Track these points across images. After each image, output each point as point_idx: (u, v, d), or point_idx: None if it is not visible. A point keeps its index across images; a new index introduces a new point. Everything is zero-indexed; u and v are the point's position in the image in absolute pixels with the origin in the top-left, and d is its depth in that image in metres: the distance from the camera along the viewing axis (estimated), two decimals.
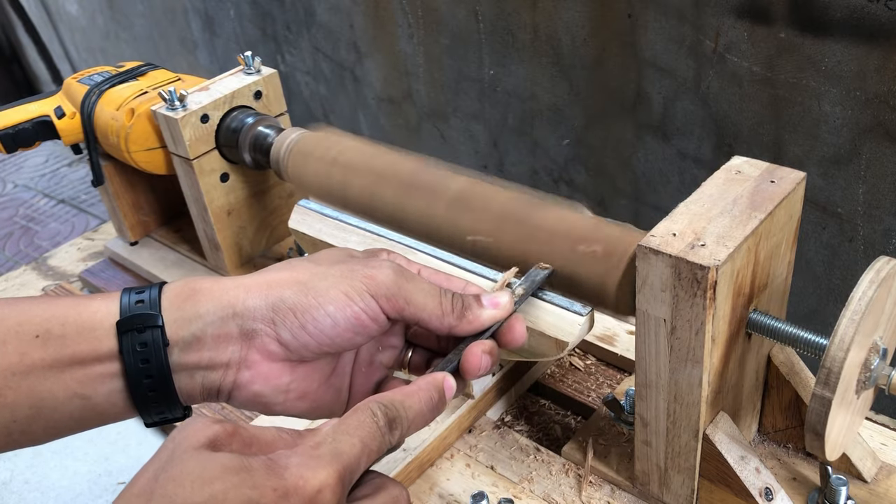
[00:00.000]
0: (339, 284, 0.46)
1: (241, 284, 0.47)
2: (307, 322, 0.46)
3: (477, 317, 0.49)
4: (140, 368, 0.45)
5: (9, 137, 0.93)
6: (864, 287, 0.48)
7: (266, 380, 0.47)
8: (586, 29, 1.19)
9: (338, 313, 0.46)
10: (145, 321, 0.45)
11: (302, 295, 0.46)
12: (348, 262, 0.49)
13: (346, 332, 0.46)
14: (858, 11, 0.90)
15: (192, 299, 0.46)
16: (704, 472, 0.58)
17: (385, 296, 0.47)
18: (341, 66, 1.69)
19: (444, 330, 0.49)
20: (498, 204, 0.63)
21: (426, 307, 0.48)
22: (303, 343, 0.46)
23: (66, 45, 2.86)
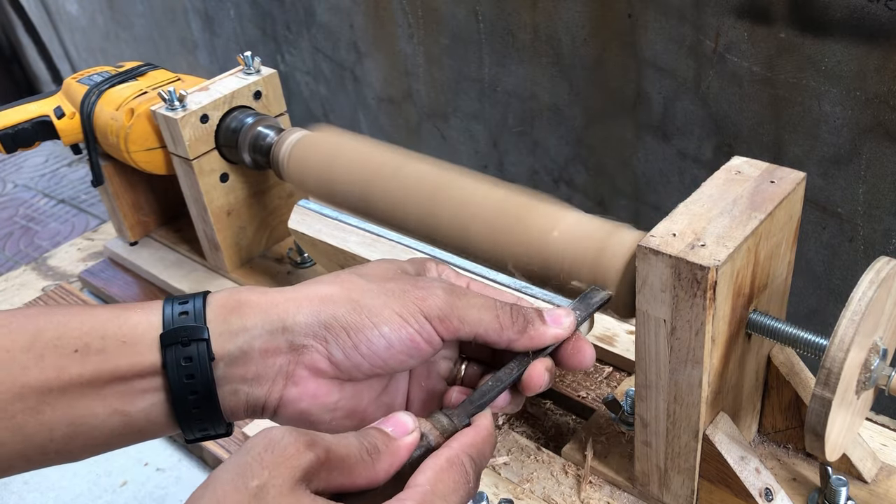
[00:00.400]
0: (392, 304, 0.45)
1: (290, 298, 0.45)
2: (360, 342, 0.44)
3: (540, 333, 0.47)
4: (185, 384, 0.43)
5: (8, 137, 0.93)
6: (864, 287, 0.47)
7: (314, 397, 0.45)
8: (586, 29, 1.18)
9: (392, 335, 0.44)
10: (190, 334, 0.43)
11: (356, 314, 0.44)
12: (400, 279, 0.47)
13: (400, 354, 0.45)
14: (858, 11, 0.90)
15: (238, 312, 0.45)
16: (704, 473, 0.58)
17: (438, 317, 0.45)
18: (341, 66, 1.69)
19: (504, 344, 0.47)
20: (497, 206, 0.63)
21: (482, 322, 0.46)
22: (355, 363, 0.45)
23: (66, 45, 2.86)
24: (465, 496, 0.39)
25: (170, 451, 0.81)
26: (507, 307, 0.47)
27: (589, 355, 0.49)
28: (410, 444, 0.40)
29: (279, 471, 0.34)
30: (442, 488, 0.38)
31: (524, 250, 0.60)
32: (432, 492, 0.37)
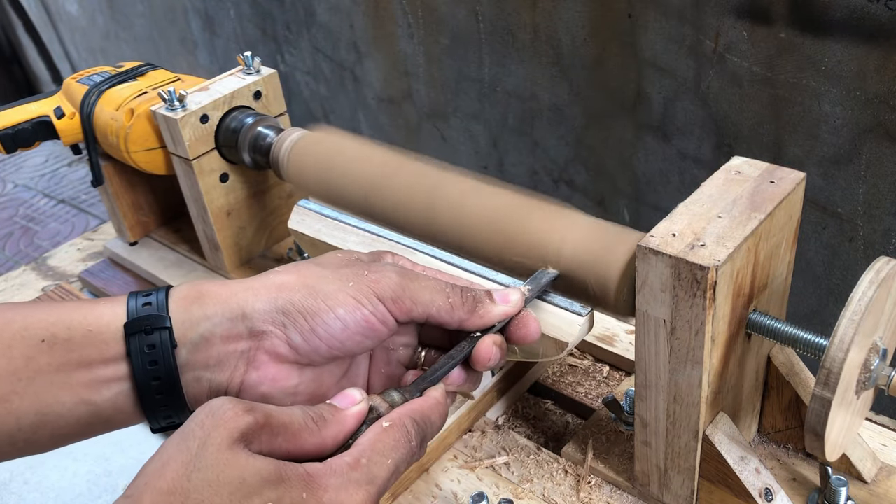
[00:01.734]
0: (347, 288, 0.46)
1: (248, 287, 0.47)
2: (317, 326, 0.46)
3: (488, 311, 0.49)
4: (148, 370, 0.44)
5: (8, 137, 0.93)
6: (863, 287, 0.47)
7: (274, 381, 0.47)
8: (586, 29, 1.18)
9: (348, 317, 0.46)
10: (153, 323, 0.45)
11: (312, 299, 0.46)
12: (354, 265, 0.49)
13: (356, 335, 0.46)
14: (858, 11, 0.90)
15: (199, 301, 0.46)
16: (704, 473, 0.58)
17: (391, 298, 0.47)
18: (341, 66, 1.69)
19: (455, 324, 0.49)
20: (496, 206, 0.63)
21: (434, 302, 0.48)
22: (313, 347, 0.46)
23: (66, 45, 2.86)
24: (406, 455, 0.41)
25: None
26: (458, 289, 0.49)
27: (534, 328, 0.51)
28: (358, 414, 0.42)
29: (218, 431, 0.36)
30: (381, 447, 0.40)
31: (524, 251, 0.60)
32: (371, 449, 0.40)
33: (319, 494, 0.37)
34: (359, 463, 0.39)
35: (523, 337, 0.51)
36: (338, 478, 0.38)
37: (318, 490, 0.37)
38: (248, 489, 0.35)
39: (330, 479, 0.37)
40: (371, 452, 0.40)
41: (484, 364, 0.49)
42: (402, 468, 0.41)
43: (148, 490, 0.35)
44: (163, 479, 0.35)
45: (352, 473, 0.38)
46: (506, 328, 0.51)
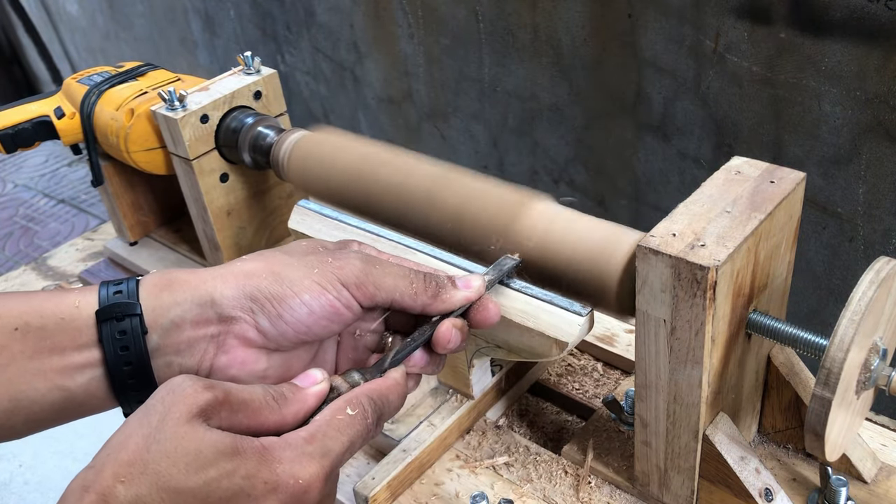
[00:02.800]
0: (312, 275, 0.48)
1: (217, 275, 0.48)
2: (284, 311, 0.47)
3: (451, 296, 0.51)
4: (119, 356, 0.46)
5: (8, 137, 0.93)
6: (863, 287, 0.47)
7: (242, 364, 0.48)
8: (586, 29, 1.18)
9: (313, 302, 0.47)
10: (124, 310, 0.46)
11: (278, 285, 0.47)
12: (319, 253, 0.51)
13: (321, 320, 0.48)
14: (858, 11, 0.90)
15: (169, 289, 0.47)
16: (704, 473, 0.58)
17: (355, 284, 0.48)
18: (341, 66, 1.69)
19: (418, 309, 0.50)
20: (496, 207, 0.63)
21: (397, 288, 0.49)
22: (281, 331, 0.48)
23: (66, 45, 2.86)
24: (361, 432, 0.43)
25: None
26: (421, 275, 0.51)
27: (493, 312, 0.52)
28: (318, 393, 0.43)
29: (177, 407, 0.38)
30: (337, 423, 0.41)
31: (524, 250, 0.60)
32: (327, 425, 0.41)
33: (273, 466, 0.38)
34: (314, 437, 0.40)
35: (483, 320, 0.52)
36: (292, 450, 0.39)
37: (273, 462, 0.38)
38: (204, 460, 0.36)
39: (284, 452, 0.39)
40: (327, 428, 0.41)
41: (444, 346, 0.50)
42: (358, 444, 0.43)
43: (110, 461, 0.37)
44: (124, 451, 0.37)
45: (306, 447, 0.39)
46: (467, 312, 0.52)
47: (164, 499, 0.36)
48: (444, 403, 0.71)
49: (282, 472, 0.38)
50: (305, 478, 0.38)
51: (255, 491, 0.37)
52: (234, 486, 0.37)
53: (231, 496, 0.37)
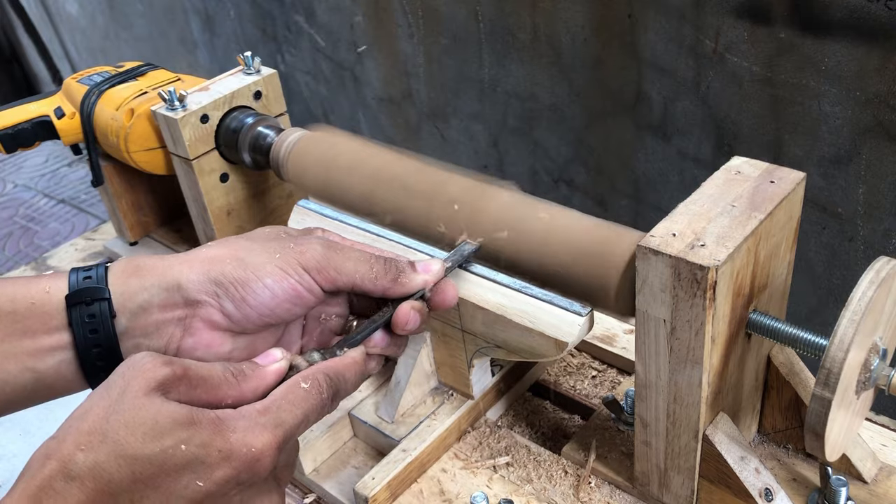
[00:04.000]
0: (274, 260, 0.50)
1: (183, 260, 0.50)
2: (248, 295, 0.49)
3: (411, 280, 0.53)
4: (89, 338, 0.47)
5: (8, 137, 0.93)
6: (863, 287, 0.47)
7: (208, 347, 0.50)
8: (586, 29, 1.18)
9: (276, 286, 0.49)
10: (93, 294, 0.48)
11: (241, 270, 0.49)
12: (281, 239, 0.52)
13: (284, 303, 0.50)
14: (858, 11, 0.90)
15: (136, 274, 0.49)
16: (704, 473, 0.58)
17: (316, 268, 0.50)
18: (341, 66, 1.69)
19: (379, 292, 0.52)
20: (496, 206, 0.63)
21: (358, 272, 0.51)
22: (245, 315, 0.49)
23: (66, 45, 2.86)
24: (316, 406, 0.44)
25: None
26: (382, 259, 0.53)
27: (451, 295, 0.54)
28: (278, 370, 0.45)
29: (137, 381, 0.39)
30: (292, 397, 0.43)
31: (524, 251, 0.61)
32: (282, 398, 0.43)
33: (227, 435, 0.39)
34: (268, 409, 0.42)
35: (441, 302, 0.54)
36: (246, 421, 0.40)
37: (227, 431, 0.39)
38: (160, 429, 0.38)
39: (238, 422, 0.40)
40: (282, 401, 0.42)
41: (403, 327, 0.52)
42: (313, 418, 0.44)
43: (71, 431, 0.38)
44: (85, 422, 0.38)
45: (260, 418, 0.41)
46: (426, 295, 0.54)
47: (121, 465, 0.37)
48: (444, 403, 0.71)
49: (235, 441, 0.39)
50: (258, 446, 0.40)
51: (210, 459, 0.38)
52: (188, 453, 0.38)
53: (186, 463, 0.38)
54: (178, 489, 0.38)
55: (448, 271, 0.57)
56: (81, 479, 0.37)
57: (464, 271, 0.63)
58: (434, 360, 0.71)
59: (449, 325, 0.66)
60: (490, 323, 0.62)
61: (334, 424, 0.71)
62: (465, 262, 0.62)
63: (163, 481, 0.38)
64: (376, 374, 0.75)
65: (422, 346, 0.69)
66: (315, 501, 0.70)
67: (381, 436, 0.69)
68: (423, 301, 0.54)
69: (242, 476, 0.40)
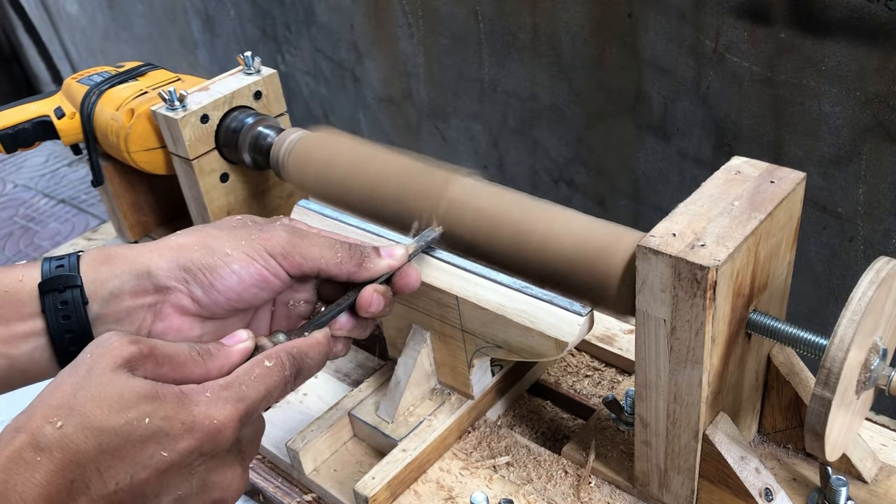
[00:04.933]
0: (240, 246, 0.52)
1: (153, 248, 0.52)
2: (215, 280, 0.51)
3: (375, 264, 0.55)
4: (62, 324, 0.49)
5: (8, 137, 0.93)
6: (863, 287, 0.47)
7: (178, 331, 0.51)
8: (586, 29, 1.18)
9: (242, 271, 0.51)
10: (65, 282, 0.49)
11: (209, 256, 0.51)
12: (247, 227, 0.54)
13: (251, 287, 0.52)
14: (858, 11, 0.90)
15: (108, 262, 0.51)
16: (704, 473, 0.58)
17: (281, 254, 0.52)
18: (341, 66, 1.69)
19: (344, 276, 0.54)
20: (494, 206, 0.63)
21: (323, 257, 0.53)
22: (213, 300, 0.51)
23: (66, 45, 2.86)
24: (279, 382, 0.45)
25: None
26: (347, 244, 0.54)
27: (414, 278, 0.56)
28: (243, 350, 0.46)
29: (104, 358, 0.41)
30: (255, 373, 0.44)
31: (525, 251, 0.61)
32: (245, 374, 0.44)
33: (190, 408, 0.41)
34: (231, 384, 0.43)
35: (405, 286, 0.56)
36: (209, 395, 0.42)
37: (190, 404, 0.41)
38: (125, 403, 0.39)
39: (201, 396, 0.42)
40: (245, 377, 0.44)
41: (366, 309, 0.54)
42: (275, 395, 0.45)
43: (41, 406, 0.40)
44: (53, 397, 0.40)
45: (222, 392, 0.42)
46: (391, 279, 0.56)
47: (88, 437, 0.38)
48: (443, 403, 0.71)
49: (198, 413, 0.41)
50: (220, 419, 0.41)
51: (173, 430, 0.40)
52: (153, 426, 0.39)
53: (150, 435, 0.39)
54: (143, 459, 0.39)
55: (411, 256, 0.58)
56: (50, 450, 0.38)
57: (428, 256, 0.64)
58: (434, 360, 0.71)
59: (449, 325, 0.66)
60: (490, 323, 0.62)
61: (334, 424, 0.71)
62: (429, 247, 0.64)
63: (128, 452, 0.39)
64: (376, 374, 0.75)
65: (422, 346, 0.69)
66: (315, 501, 0.70)
67: (381, 436, 0.69)
68: (387, 285, 0.55)
69: (205, 447, 0.41)
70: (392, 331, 0.72)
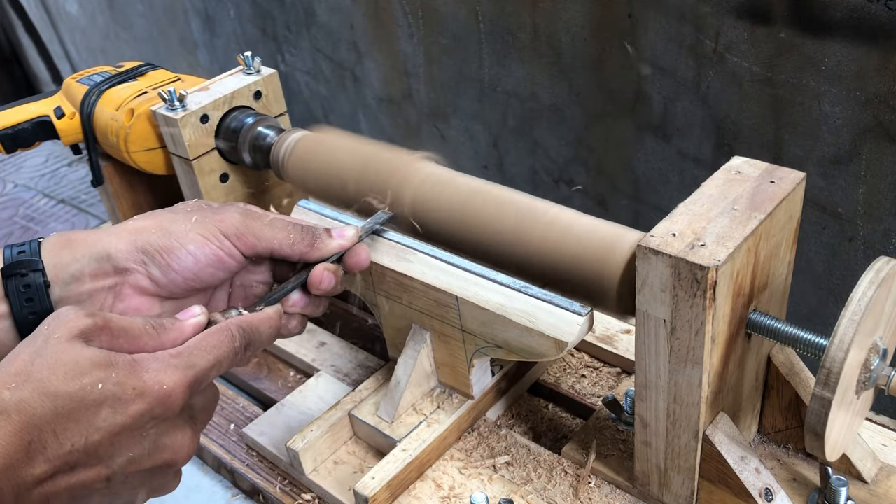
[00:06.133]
0: (196, 228, 0.54)
1: (111, 232, 0.54)
2: (172, 261, 0.53)
3: (326, 245, 0.57)
4: (25, 307, 0.51)
5: (8, 137, 0.93)
6: (863, 287, 0.47)
7: (137, 311, 0.54)
8: (586, 29, 1.18)
9: (198, 251, 0.54)
10: (28, 266, 0.51)
11: (166, 238, 0.53)
12: (202, 210, 0.56)
13: (207, 267, 0.54)
14: (858, 11, 0.90)
15: (68, 247, 0.53)
16: (704, 473, 0.58)
17: (235, 234, 0.55)
18: (341, 66, 1.69)
19: (297, 257, 0.57)
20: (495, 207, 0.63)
21: (276, 238, 0.56)
22: (171, 279, 0.54)
23: (66, 45, 2.86)
24: (228, 353, 0.48)
25: None
26: (299, 226, 0.57)
27: (364, 257, 0.59)
28: (196, 324, 0.49)
29: (59, 329, 0.43)
30: (205, 344, 0.47)
31: (524, 251, 0.60)
32: (195, 345, 0.46)
33: (141, 374, 0.43)
34: (181, 353, 0.45)
35: (355, 265, 0.59)
36: (159, 362, 0.44)
37: (141, 371, 0.43)
38: (80, 370, 0.42)
39: (152, 363, 0.44)
40: (195, 347, 0.46)
41: (317, 286, 0.56)
42: (225, 364, 0.47)
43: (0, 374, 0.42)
44: (12, 366, 0.42)
45: (172, 360, 0.45)
46: (342, 259, 0.59)
47: (44, 401, 0.41)
48: (443, 403, 0.71)
49: (148, 379, 0.43)
50: (169, 384, 0.44)
51: (125, 395, 0.42)
52: (106, 391, 0.42)
53: (104, 399, 0.42)
54: (97, 422, 0.42)
55: (362, 237, 0.61)
56: (8, 414, 0.40)
57: (379, 238, 0.67)
58: (434, 360, 0.71)
59: (449, 325, 0.66)
60: (490, 323, 0.62)
61: (334, 424, 0.71)
62: (380, 229, 0.66)
63: (83, 415, 0.41)
64: (376, 374, 0.75)
65: (422, 346, 0.69)
66: (315, 501, 0.70)
67: (381, 436, 0.69)
68: (338, 264, 0.58)
69: (156, 411, 0.43)
70: (392, 331, 0.72)
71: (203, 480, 0.77)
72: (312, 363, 0.83)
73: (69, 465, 0.41)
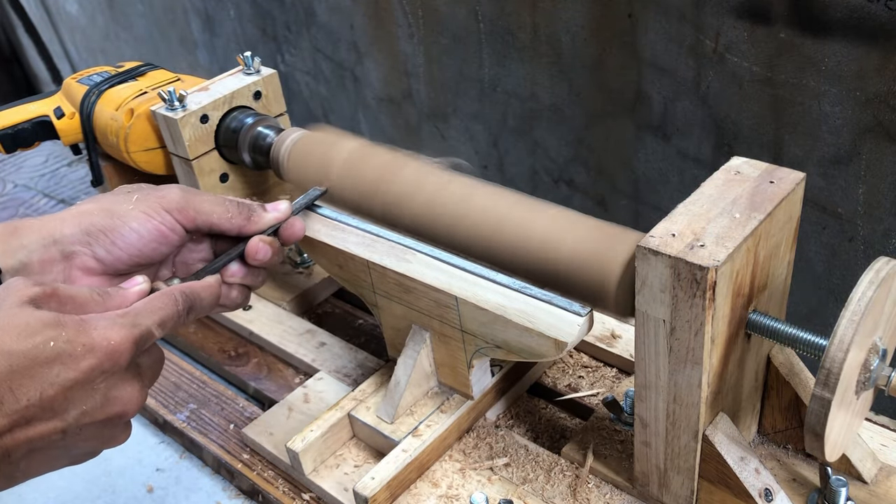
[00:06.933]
0: (138, 206, 0.57)
1: (57, 218, 0.56)
2: (116, 239, 0.56)
3: (261, 217, 0.61)
4: None
5: (8, 137, 0.93)
6: (863, 287, 0.47)
7: None
8: (586, 29, 1.18)
9: (141, 228, 0.56)
10: None
11: (109, 218, 0.56)
12: (143, 190, 0.59)
13: (151, 243, 0.57)
14: (858, 11, 0.90)
15: (15, 234, 0.55)
16: (704, 473, 0.58)
17: (176, 209, 0.58)
18: (341, 66, 1.69)
19: (235, 230, 0.60)
20: (496, 207, 0.63)
21: (214, 212, 0.59)
22: (116, 257, 0.56)
23: (66, 45, 2.86)
24: (172, 315, 0.51)
25: (169, 451, 0.81)
26: (235, 202, 0.61)
27: (298, 229, 0.63)
28: (139, 292, 0.52)
29: (10, 298, 0.46)
30: (150, 306, 0.50)
31: (524, 251, 0.60)
32: (141, 307, 0.50)
33: (90, 331, 0.46)
34: (127, 313, 0.48)
35: (290, 236, 0.63)
36: (106, 321, 0.47)
37: (89, 328, 0.46)
38: (31, 330, 0.44)
39: (99, 322, 0.47)
40: (140, 308, 0.49)
41: (254, 257, 0.60)
42: (168, 325, 0.51)
43: None
44: None
45: (118, 319, 0.48)
46: (278, 231, 0.62)
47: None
48: (443, 404, 0.71)
49: (96, 336, 0.46)
50: (117, 340, 0.46)
51: (75, 352, 0.45)
52: (57, 348, 0.44)
53: (55, 356, 0.44)
54: (51, 377, 0.44)
55: (296, 211, 0.65)
56: None
57: (312, 212, 0.70)
58: (434, 360, 0.71)
59: (448, 326, 0.66)
60: (489, 323, 0.62)
61: (334, 425, 0.71)
62: (313, 204, 0.70)
63: (37, 371, 0.44)
64: (376, 375, 0.75)
65: (421, 346, 0.69)
66: (315, 501, 0.70)
67: (381, 436, 0.69)
68: (274, 236, 0.61)
69: (105, 365, 0.46)
70: (391, 331, 0.72)
71: (203, 480, 0.77)
72: (312, 363, 0.83)
73: (26, 418, 0.44)
